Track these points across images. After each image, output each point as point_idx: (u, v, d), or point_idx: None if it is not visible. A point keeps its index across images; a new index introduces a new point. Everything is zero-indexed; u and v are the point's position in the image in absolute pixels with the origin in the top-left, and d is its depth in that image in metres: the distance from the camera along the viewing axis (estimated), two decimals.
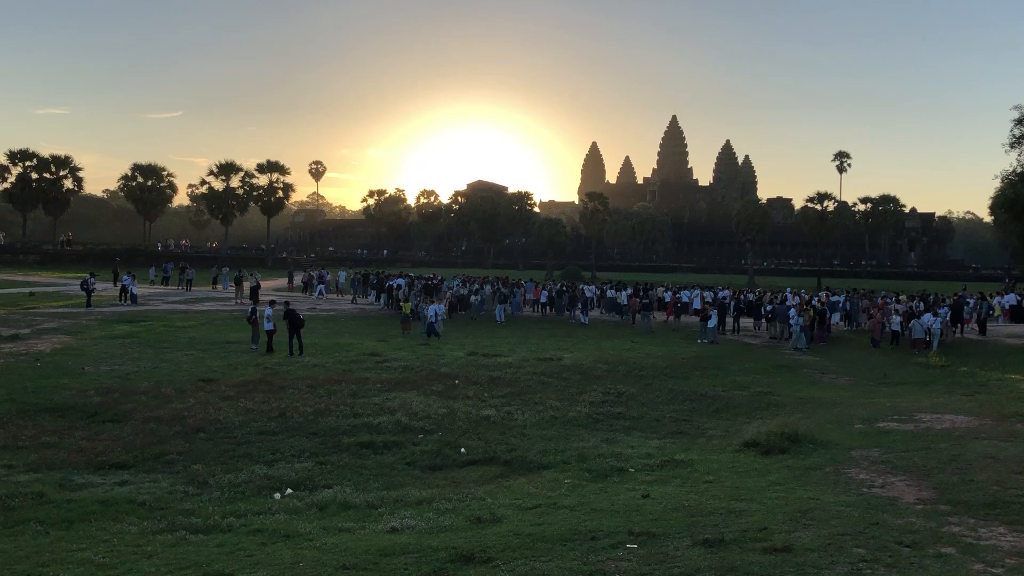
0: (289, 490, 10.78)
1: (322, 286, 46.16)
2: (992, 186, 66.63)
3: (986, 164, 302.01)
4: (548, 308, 40.89)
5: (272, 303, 26.20)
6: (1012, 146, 49.88)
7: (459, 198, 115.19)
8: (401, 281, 41.97)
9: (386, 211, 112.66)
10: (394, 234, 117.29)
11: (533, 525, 8.43)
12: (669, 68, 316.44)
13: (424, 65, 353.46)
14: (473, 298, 39.38)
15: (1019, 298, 38.86)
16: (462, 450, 13.13)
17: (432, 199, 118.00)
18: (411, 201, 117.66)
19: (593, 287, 46.24)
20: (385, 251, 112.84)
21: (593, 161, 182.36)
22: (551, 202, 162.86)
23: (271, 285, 50.23)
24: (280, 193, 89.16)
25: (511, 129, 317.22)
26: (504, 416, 15.74)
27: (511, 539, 7.80)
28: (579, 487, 10.67)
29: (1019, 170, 51.70)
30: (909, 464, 10.96)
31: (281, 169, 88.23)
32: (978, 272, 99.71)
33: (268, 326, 24.04)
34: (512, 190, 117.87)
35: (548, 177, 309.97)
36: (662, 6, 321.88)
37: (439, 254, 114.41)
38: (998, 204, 68.05)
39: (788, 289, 45.19)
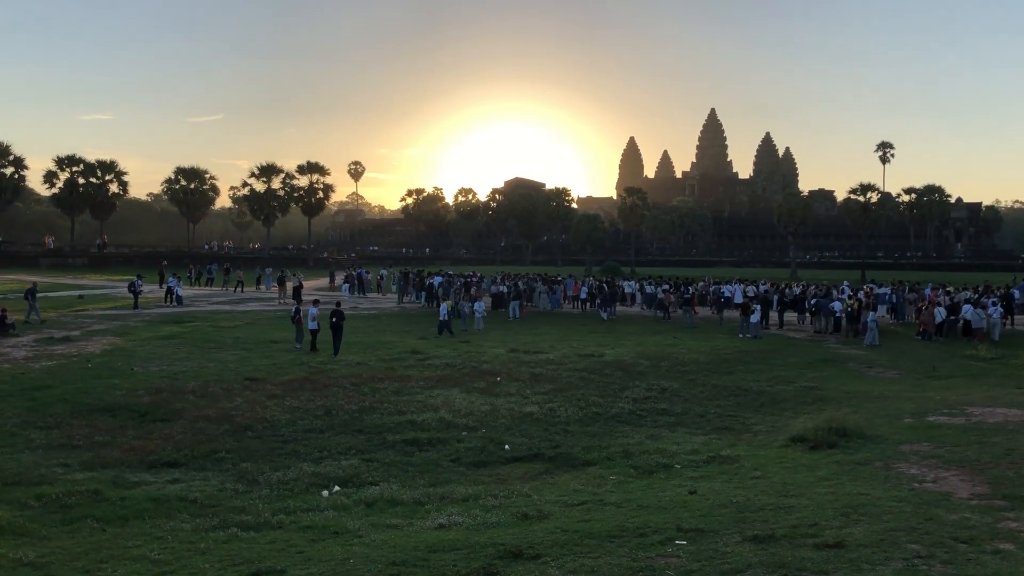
0: (336, 487, 10.90)
1: (347, 285, 46.25)
2: None
3: None
4: (588, 304, 40.77)
5: (316, 302, 26.47)
6: None
7: (497, 196, 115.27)
8: (440, 279, 42.16)
9: (424, 210, 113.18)
10: (433, 232, 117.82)
11: (580, 521, 8.43)
12: (707, 61, 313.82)
13: (459, 63, 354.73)
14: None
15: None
16: (506, 447, 13.17)
17: (470, 197, 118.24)
18: (449, 199, 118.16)
19: (633, 282, 46.02)
20: (428, 249, 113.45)
21: (631, 156, 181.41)
22: (589, 198, 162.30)
23: (313, 285, 50.75)
24: (320, 194, 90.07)
25: (548, 126, 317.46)
26: (547, 413, 15.75)
27: (558, 535, 7.81)
28: (625, 483, 10.65)
29: None
30: (961, 458, 10.77)
31: (321, 170, 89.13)
32: None
33: (312, 325, 24.29)
34: (550, 186, 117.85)
35: (586, 173, 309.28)
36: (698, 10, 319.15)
37: (478, 251, 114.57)
38: None
39: (845, 283, 44.47)
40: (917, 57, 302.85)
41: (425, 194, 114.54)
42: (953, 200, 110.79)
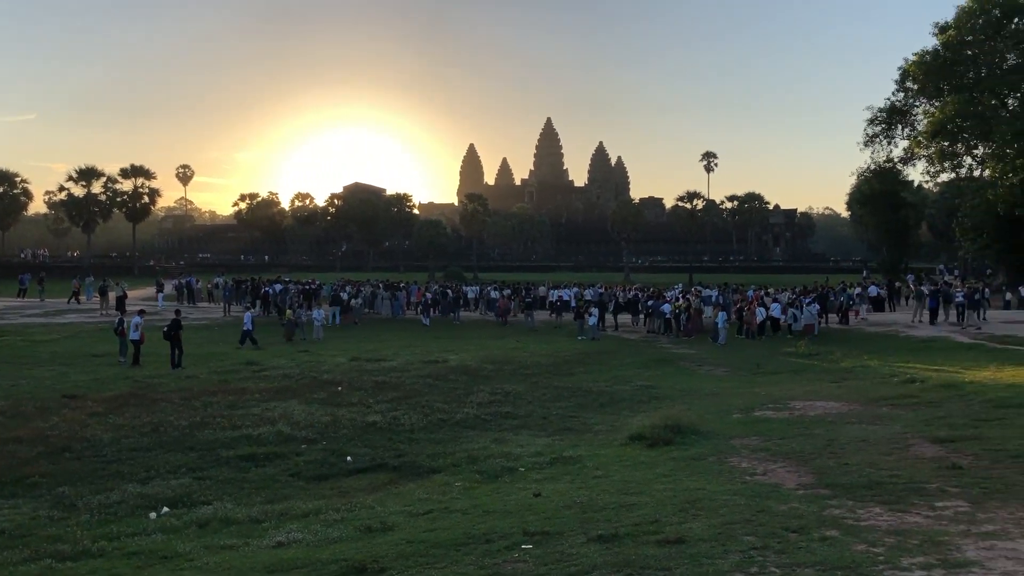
0: (166, 508, 10.25)
1: (161, 295, 43.53)
2: (849, 183, 70.68)
3: (843, 162, 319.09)
4: (432, 310, 40.60)
5: (141, 312, 24.98)
6: (866, 144, 53.03)
7: (336, 201, 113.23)
8: (279, 287, 40.85)
9: (259, 215, 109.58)
10: (269, 239, 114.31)
11: (426, 531, 8.26)
12: (543, 71, 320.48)
13: (295, 66, 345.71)
14: (354, 301, 38.72)
15: (879, 289, 41.08)
16: (348, 458, 12.81)
17: (308, 202, 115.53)
18: (285, 205, 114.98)
19: (476, 287, 46.27)
20: (267, 256, 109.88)
21: (471, 163, 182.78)
22: (431, 204, 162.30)
23: (139, 295, 47.96)
24: (145, 199, 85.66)
25: (388, 131, 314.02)
26: (391, 421, 15.47)
27: (404, 547, 7.61)
28: (471, 489, 10.57)
29: (873, 167, 54.99)
30: (788, 450, 11.35)
31: (146, 174, 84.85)
32: (837, 264, 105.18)
33: (134, 335, 22.86)
34: (390, 192, 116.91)
35: (427, 179, 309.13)
36: (534, 9, 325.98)
37: (318, 258, 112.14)
38: (854, 200, 72.47)
39: (679, 285, 46.33)
40: (739, 71, 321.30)
41: (260, 199, 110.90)
42: (772, 207, 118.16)
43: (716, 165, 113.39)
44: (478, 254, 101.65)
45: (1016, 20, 45.48)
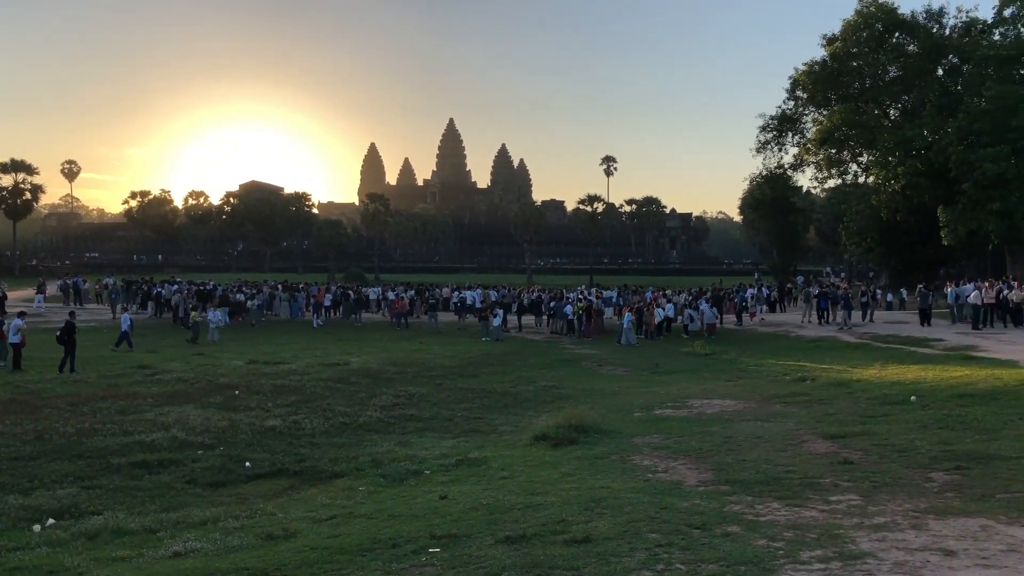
0: (51, 520, 9.71)
1: (40, 296, 41.18)
2: (741, 188, 73.08)
3: (736, 168, 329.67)
4: (333, 311, 39.99)
5: (22, 314, 23.73)
6: (758, 151, 54.96)
7: (232, 199, 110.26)
8: (174, 288, 39.48)
9: (151, 213, 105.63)
10: (161, 238, 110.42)
11: (330, 537, 8.08)
12: (446, 70, 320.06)
13: (189, 61, 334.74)
14: (251, 303, 37.78)
15: (769, 291, 42.53)
16: (247, 464, 12.44)
17: (202, 200, 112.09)
18: (179, 203, 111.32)
19: (378, 288, 45.81)
20: (160, 256, 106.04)
21: (372, 162, 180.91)
22: (331, 203, 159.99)
23: (20, 295, 45.58)
24: (27, 195, 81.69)
25: (286, 129, 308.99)
26: (291, 425, 15.10)
27: (308, 554, 7.42)
28: (375, 493, 10.40)
29: (764, 173, 57.00)
30: (687, 448, 11.60)
31: (27, 168, 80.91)
32: (731, 267, 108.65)
33: (14, 339, 21.67)
34: (289, 191, 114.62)
35: (327, 178, 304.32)
36: (438, 8, 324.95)
37: (213, 258, 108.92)
38: (747, 204, 74.99)
39: (582, 287, 46.84)
40: (637, 77, 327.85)
41: (151, 196, 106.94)
42: (668, 211, 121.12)
43: (616, 169, 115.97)
44: (380, 255, 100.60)
45: (897, 35, 47.88)
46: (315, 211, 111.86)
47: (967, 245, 46.61)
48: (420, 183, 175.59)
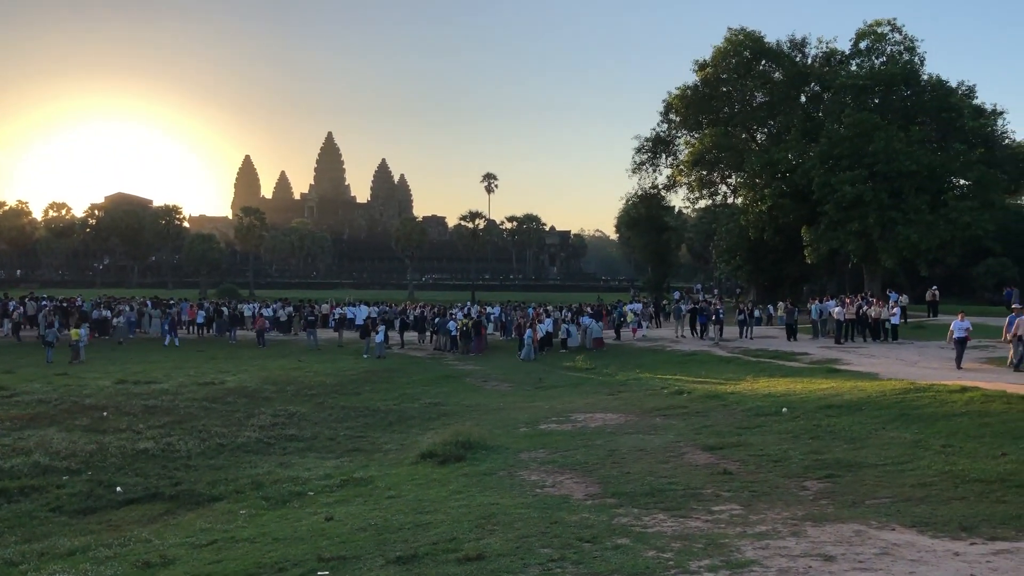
0: None
1: None
2: (618, 207, 74.93)
3: (613, 187, 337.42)
4: (206, 329, 38.59)
5: None
6: (634, 171, 56.56)
7: (96, 211, 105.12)
8: (45, 303, 37.24)
9: (6, 226, 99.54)
10: (17, 252, 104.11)
11: (211, 563, 7.75)
12: (324, 83, 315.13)
13: (46, 64, 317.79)
14: (117, 320, 36.04)
15: (643, 305, 43.65)
16: (118, 489, 11.80)
17: (64, 212, 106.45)
18: (38, 215, 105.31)
19: (254, 305, 44.53)
20: (19, 271, 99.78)
21: (247, 175, 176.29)
22: (203, 217, 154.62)
23: None
24: None
25: (156, 139, 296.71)
26: (164, 447, 14.44)
27: None
28: (257, 516, 10.06)
29: (639, 193, 58.69)
30: (573, 462, 11.73)
31: None
32: (608, 283, 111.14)
33: None
34: (158, 203, 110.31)
35: (199, 191, 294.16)
36: (315, 20, 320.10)
37: (76, 273, 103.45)
38: (622, 222, 76.99)
39: (468, 302, 46.82)
40: (517, 94, 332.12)
41: (6, 208, 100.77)
42: (548, 228, 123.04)
43: (497, 186, 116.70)
44: (255, 270, 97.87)
45: (763, 63, 50.21)
46: (186, 224, 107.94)
47: (828, 263, 49.19)
48: (297, 197, 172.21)
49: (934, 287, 42.36)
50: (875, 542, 6.81)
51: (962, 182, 44.04)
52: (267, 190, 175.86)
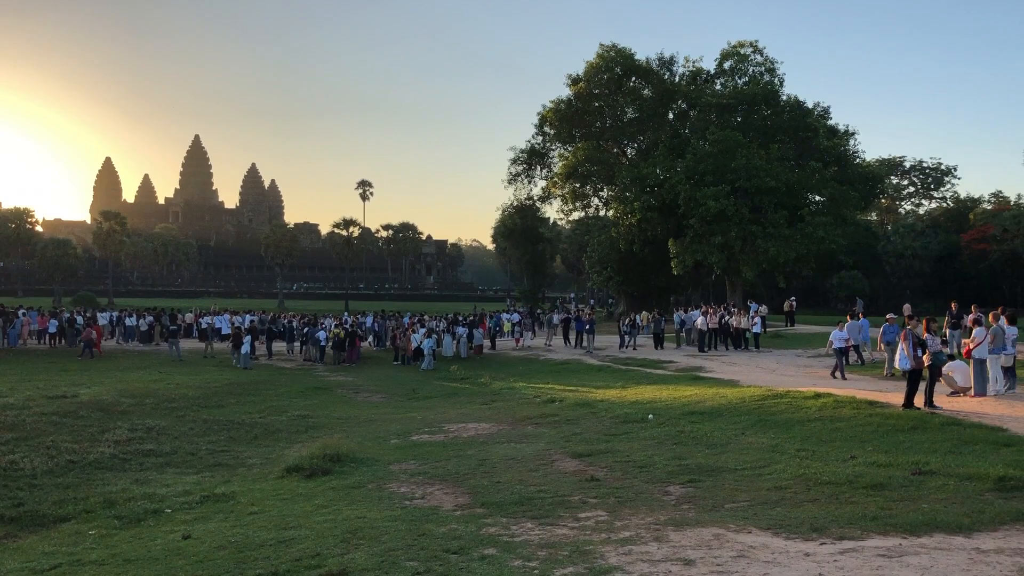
0: None
1: None
2: (494, 217, 75.56)
3: (490, 198, 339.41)
4: (60, 339, 36.46)
5: None
6: (509, 182, 57.18)
7: None
8: None
9: None
10: None
11: None
12: (191, 84, 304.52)
13: None
14: None
15: (520, 315, 44.05)
16: None
17: None
18: None
19: (112, 313, 42.44)
20: None
21: (108, 178, 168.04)
22: (58, 221, 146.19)
23: None
24: None
25: (3, 135, 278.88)
26: (6, 466, 13.46)
27: None
28: (108, 537, 9.49)
29: (515, 204, 59.33)
30: (444, 472, 11.65)
31: None
32: (484, 293, 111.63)
33: None
34: (7, 207, 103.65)
35: (54, 193, 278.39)
36: (181, 15, 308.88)
37: None
38: (499, 233, 77.60)
39: (345, 313, 45.88)
40: (394, 102, 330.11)
41: None
42: (424, 237, 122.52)
43: (372, 194, 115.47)
44: (114, 277, 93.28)
45: (633, 79, 51.67)
46: (39, 229, 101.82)
47: (694, 274, 51.01)
48: (161, 201, 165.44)
49: (792, 298, 44.60)
50: (733, 545, 7.02)
51: (817, 198, 46.54)
52: (129, 194, 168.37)
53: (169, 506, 10.88)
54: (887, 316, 22.76)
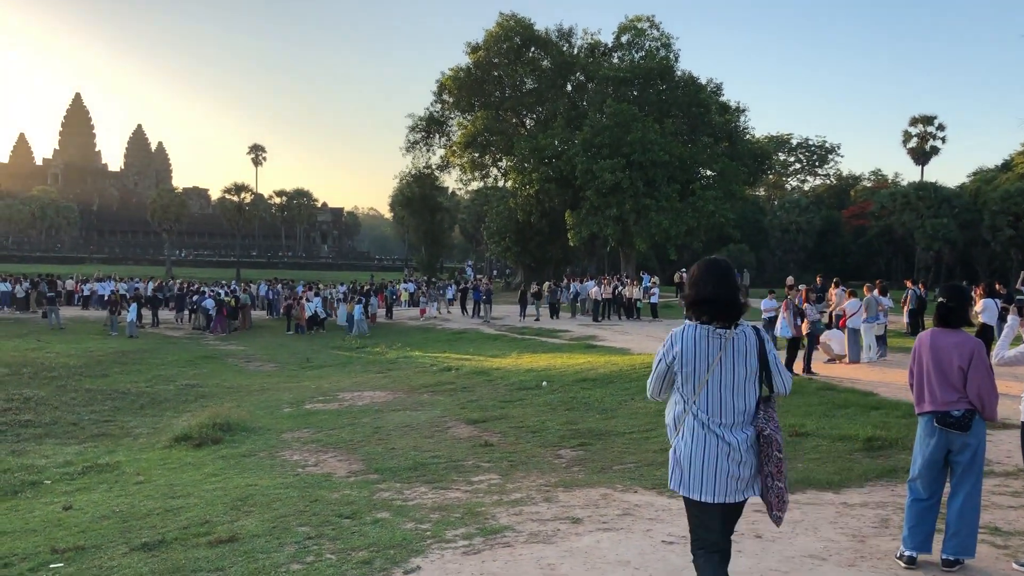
0: None
1: None
2: (392, 186, 74.84)
3: (388, 165, 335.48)
4: None
5: None
6: (408, 150, 56.60)
7: None
8: None
9: None
10: None
11: None
12: (72, 38, 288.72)
13: None
14: None
15: (416, 286, 43.94)
16: None
17: None
18: None
19: None
20: None
21: None
22: None
23: None
24: None
25: None
26: None
27: None
28: None
29: (414, 172, 58.80)
30: (338, 440, 11.61)
31: None
32: (381, 263, 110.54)
33: None
34: None
35: None
36: None
37: None
38: (397, 202, 76.89)
39: (234, 282, 44.59)
40: (286, 66, 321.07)
41: None
42: (320, 205, 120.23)
43: (265, 159, 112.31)
44: None
45: (532, 50, 51.79)
46: None
47: (589, 246, 51.82)
48: (39, 163, 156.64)
49: (683, 270, 45.81)
50: (619, 504, 7.27)
51: (708, 173, 47.87)
52: (3, 155, 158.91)
53: (48, 477, 10.52)
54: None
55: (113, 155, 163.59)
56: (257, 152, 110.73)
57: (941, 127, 71.53)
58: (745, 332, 3.93)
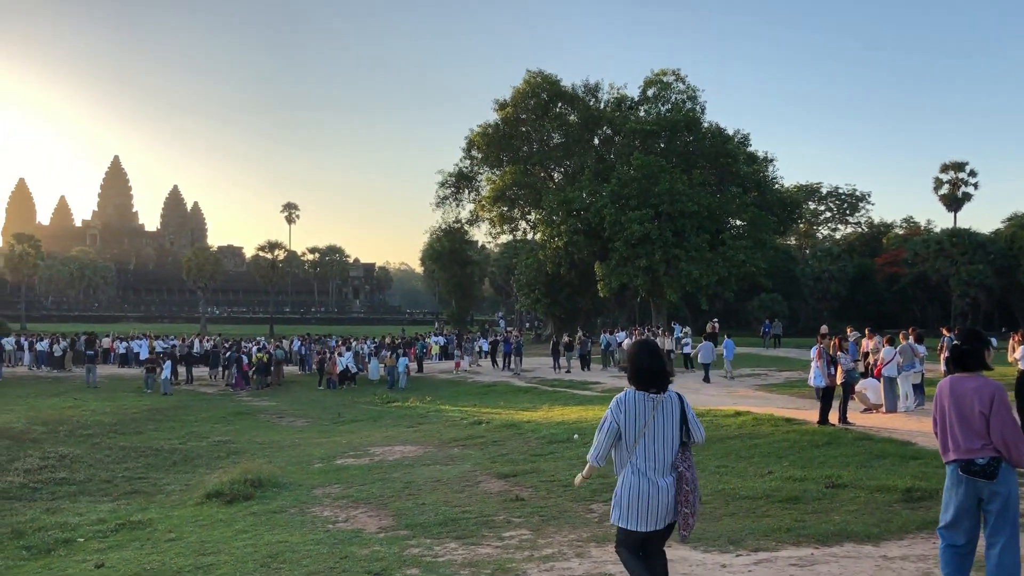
0: None
1: None
2: (423, 240, 75.59)
3: (418, 220, 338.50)
4: None
5: None
6: (438, 205, 57.29)
7: None
8: None
9: None
10: None
11: None
12: (110, 102, 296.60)
13: None
14: None
15: (447, 339, 44.01)
16: None
17: None
18: None
19: (20, 338, 40.97)
20: None
21: (21, 199, 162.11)
22: None
23: None
24: None
25: None
26: None
27: None
28: (15, 568, 9.16)
29: (443, 227, 59.41)
30: (368, 495, 11.55)
31: None
32: (413, 316, 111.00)
33: None
34: None
35: None
36: (94, 31, 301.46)
37: None
38: (427, 256, 77.58)
39: (262, 337, 45.03)
40: (319, 123, 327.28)
41: None
42: (352, 260, 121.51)
43: (298, 216, 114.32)
44: (28, 302, 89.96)
45: (559, 105, 52.47)
46: None
47: (619, 297, 51.71)
48: (79, 224, 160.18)
49: (714, 320, 45.52)
50: None
51: (738, 223, 47.83)
52: (44, 216, 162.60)
53: (82, 535, 10.55)
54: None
55: (150, 215, 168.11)
56: (290, 210, 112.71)
57: (973, 173, 71.00)
58: (671, 396, 4.97)
